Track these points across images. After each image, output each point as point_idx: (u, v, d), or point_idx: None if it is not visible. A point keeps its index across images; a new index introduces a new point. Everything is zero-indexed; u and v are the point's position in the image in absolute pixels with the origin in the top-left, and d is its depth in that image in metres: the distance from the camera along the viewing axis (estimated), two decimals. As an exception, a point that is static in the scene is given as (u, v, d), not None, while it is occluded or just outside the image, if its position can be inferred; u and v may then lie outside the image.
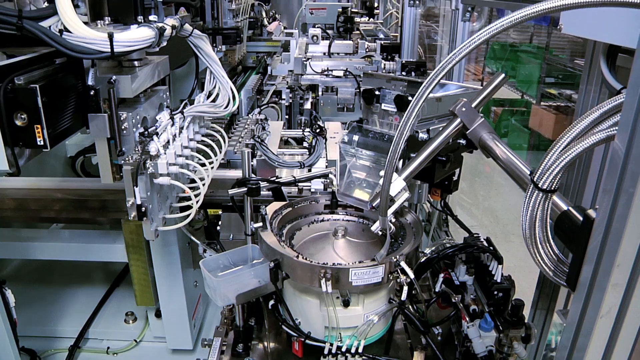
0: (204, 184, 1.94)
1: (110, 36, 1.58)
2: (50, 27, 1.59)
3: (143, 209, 1.76)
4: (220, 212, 2.31)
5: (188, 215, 1.90)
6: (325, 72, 3.91)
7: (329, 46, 4.25)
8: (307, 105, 3.90)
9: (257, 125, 2.57)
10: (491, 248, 1.91)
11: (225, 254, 1.86)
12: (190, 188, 1.93)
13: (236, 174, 2.25)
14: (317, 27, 4.69)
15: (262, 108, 3.43)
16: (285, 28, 5.75)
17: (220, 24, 3.57)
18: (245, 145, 2.34)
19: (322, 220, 1.99)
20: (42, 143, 1.59)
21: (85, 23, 1.62)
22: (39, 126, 1.57)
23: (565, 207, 1.21)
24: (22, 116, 1.58)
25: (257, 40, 5.12)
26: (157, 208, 1.87)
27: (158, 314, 2.93)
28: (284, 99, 4.04)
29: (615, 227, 1.00)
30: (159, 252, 2.56)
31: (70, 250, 2.84)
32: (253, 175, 2.14)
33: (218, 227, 2.31)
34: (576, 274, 1.12)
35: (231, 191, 1.94)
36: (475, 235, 2.04)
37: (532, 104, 7.54)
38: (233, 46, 3.71)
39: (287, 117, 4.08)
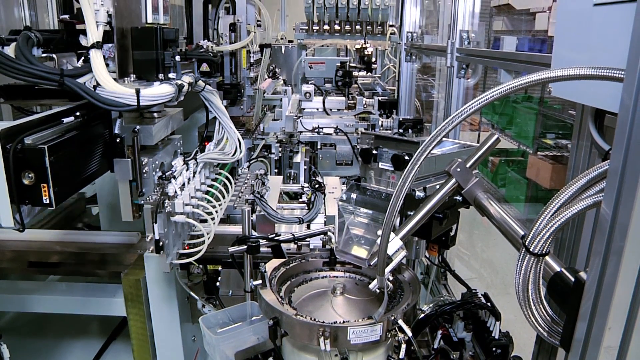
0: (214, 222, 2.10)
1: (138, 92, 1.80)
2: (85, 83, 1.80)
3: (160, 243, 1.94)
4: (219, 268, 2.33)
5: (200, 250, 2.04)
6: (317, 130, 4.01)
7: (323, 103, 4.37)
8: (297, 159, 3.96)
9: (257, 181, 2.62)
10: (489, 304, 1.92)
11: (224, 311, 1.88)
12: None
13: (236, 229, 2.29)
14: (311, 84, 4.79)
15: (250, 162, 3.49)
16: (285, 82, 5.89)
17: (239, 79, 3.69)
18: (245, 200, 2.38)
19: (321, 277, 2.02)
20: (47, 202, 1.63)
21: (114, 79, 1.83)
22: (45, 185, 1.62)
23: (558, 269, 1.23)
24: (30, 175, 1.62)
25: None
26: (172, 243, 2.04)
27: (155, 369, 2.90)
28: (274, 153, 4.11)
29: (605, 290, 1.03)
30: (158, 307, 2.55)
31: (68, 303, 2.83)
32: (253, 232, 2.18)
33: (217, 283, 2.32)
34: (570, 335, 1.14)
35: (231, 249, 1.98)
36: (473, 290, 2.06)
37: (529, 154, 7.62)
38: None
39: (276, 170, 4.13)
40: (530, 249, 1.15)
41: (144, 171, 2.02)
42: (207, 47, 2.86)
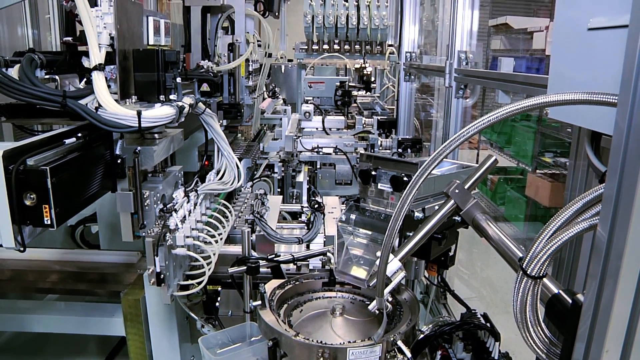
0: (214, 254, 2.12)
1: (139, 113, 1.82)
2: (87, 104, 1.83)
3: (162, 276, 1.96)
4: (219, 288, 2.33)
5: (202, 282, 2.07)
6: (316, 150, 4.05)
7: (323, 122, 4.40)
8: (300, 178, 3.99)
9: (257, 201, 2.63)
10: (488, 325, 1.92)
11: (224, 332, 1.88)
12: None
13: (236, 249, 2.30)
14: (310, 103, 4.82)
15: (254, 182, 3.51)
16: (285, 101, 5.93)
17: (237, 99, 3.72)
18: (245, 221, 2.39)
19: (320, 298, 2.02)
20: (49, 222, 1.64)
21: (116, 100, 1.86)
22: (47, 206, 1.63)
23: (555, 290, 1.24)
24: (32, 196, 1.63)
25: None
26: (172, 275, 2.05)
27: (154, 390, 2.88)
28: (276, 173, 4.13)
29: (602, 312, 1.04)
30: (158, 326, 2.55)
31: (67, 322, 2.83)
32: (253, 253, 2.19)
33: (217, 303, 2.32)
34: (568, 358, 1.15)
35: (231, 269, 1.99)
36: (472, 311, 2.05)
37: (528, 172, 7.63)
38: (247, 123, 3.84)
39: (279, 190, 4.15)
40: (528, 272, 1.16)
41: (146, 204, 2.05)
42: (207, 67, 2.90)
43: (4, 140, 3.86)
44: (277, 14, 6.22)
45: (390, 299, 1.81)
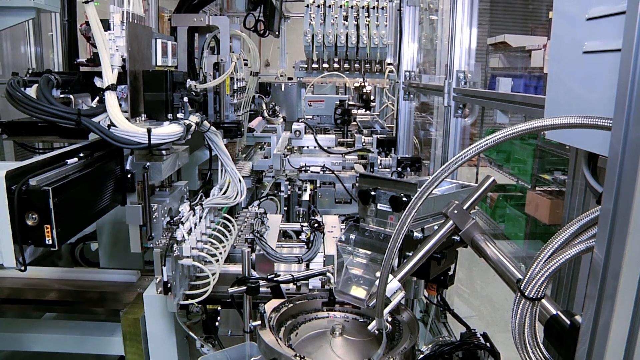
0: (219, 264, 2.18)
1: (149, 131, 1.93)
2: (99, 122, 1.93)
3: (168, 285, 2.02)
4: (219, 308, 2.33)
5: (206, 292, 2.11)
6: (304, 168, 4.12)
7: (316, 140, 4.45)
8: (305, 197, 4.02)
9: (257, 220, 2.64)
10: (488, 344, 1.92)
11: (223, 352, 1.88)
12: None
13: (235, 268, 2.30)
14: (301, 122, 4.86)
15: (261, 200, 3.53)
16: (285, 119, 5.97)
17: (222, 117, 3.75)
18: (245, 240, 2.40)
19: (320, 318, 2.02)
20: (50, 242, 1.66)
21: (126, 118, 1.96)
22: (48, 226, 1.65)
23: (554, 312, 1.25)
24: (33, 216, 1.65)
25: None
26: (179, 285, 2.11)
27: (152, 410, 2.85)
28: (283, 191, 4.16)
29: (600, 334, 1.05)
30: (157, 346, 2.54)
31: (65, 341, 2.81)
32: (253, 272, 2.20)
33: (217, 323, 2.32)
34: (567, 380, 1.15)
35: (231, 289, 1.99)
36: (472, 330, 2.05)
37: (527, 189, 7.64)
38: (234, 139, 3.87)
39: (285, 208, 4.17)
40: (526, 294, 1.17)
41: (154, 217, 2.15)
42: (189, 85, 2.95)
43: (4, 158, 3.88)
44: (277, 32, 6.28)
45: (389, 319, 1.81)
